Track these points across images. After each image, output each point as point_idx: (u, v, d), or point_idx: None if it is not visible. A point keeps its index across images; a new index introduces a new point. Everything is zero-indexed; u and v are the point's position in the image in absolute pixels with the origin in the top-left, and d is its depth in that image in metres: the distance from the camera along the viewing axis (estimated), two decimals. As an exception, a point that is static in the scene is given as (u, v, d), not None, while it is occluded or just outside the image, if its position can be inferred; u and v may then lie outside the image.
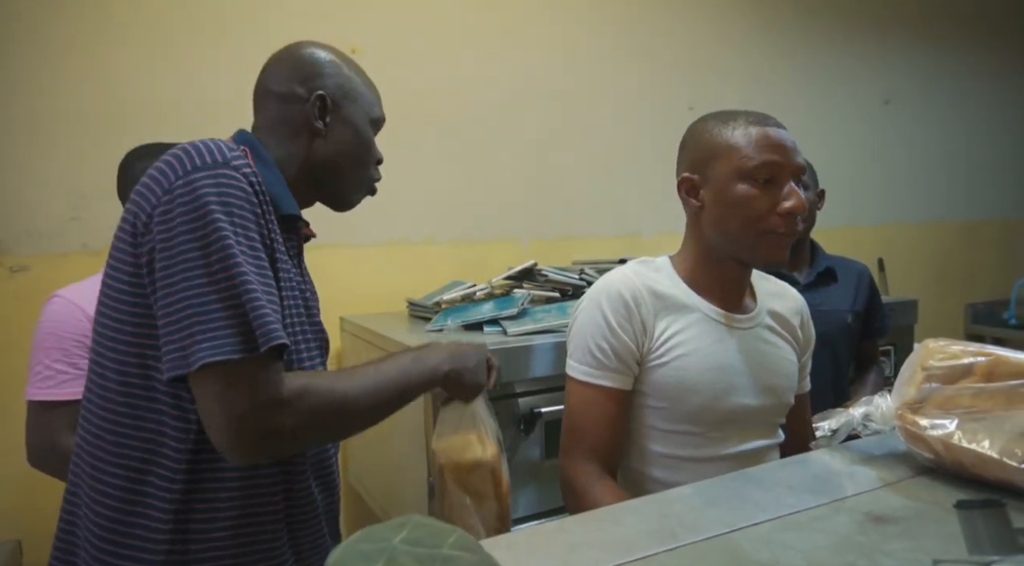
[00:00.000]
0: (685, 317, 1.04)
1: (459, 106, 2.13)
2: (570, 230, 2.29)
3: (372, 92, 1.01)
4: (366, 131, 0.99)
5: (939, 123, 3.23)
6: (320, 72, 0.94)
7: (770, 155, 0.97)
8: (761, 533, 0.65)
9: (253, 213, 0.79)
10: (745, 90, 2.65)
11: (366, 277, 2.03)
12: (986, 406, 0.73)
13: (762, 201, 0.97)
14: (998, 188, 3.53)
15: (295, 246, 0.95)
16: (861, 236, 2.98)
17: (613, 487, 1.01)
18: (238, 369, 0.73)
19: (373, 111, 1.00)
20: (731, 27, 2.62)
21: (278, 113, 0.94)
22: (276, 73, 0.95)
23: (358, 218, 2.02)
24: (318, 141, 0.94)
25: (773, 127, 0.99)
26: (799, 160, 0.99)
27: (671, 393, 1.02)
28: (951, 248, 3.35)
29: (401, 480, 1.58)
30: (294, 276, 0.90)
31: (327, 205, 1.02)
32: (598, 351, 1.02)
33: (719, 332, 1.04)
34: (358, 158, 0.98)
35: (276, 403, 0.75)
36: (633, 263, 1.11)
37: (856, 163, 2.96)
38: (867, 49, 2.96)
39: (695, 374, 1.01)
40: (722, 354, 1.03)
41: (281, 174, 0.91)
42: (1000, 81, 3.44)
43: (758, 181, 0.97)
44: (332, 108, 0.94)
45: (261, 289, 0.76)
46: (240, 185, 0.78)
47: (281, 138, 0.94)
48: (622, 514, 0.70)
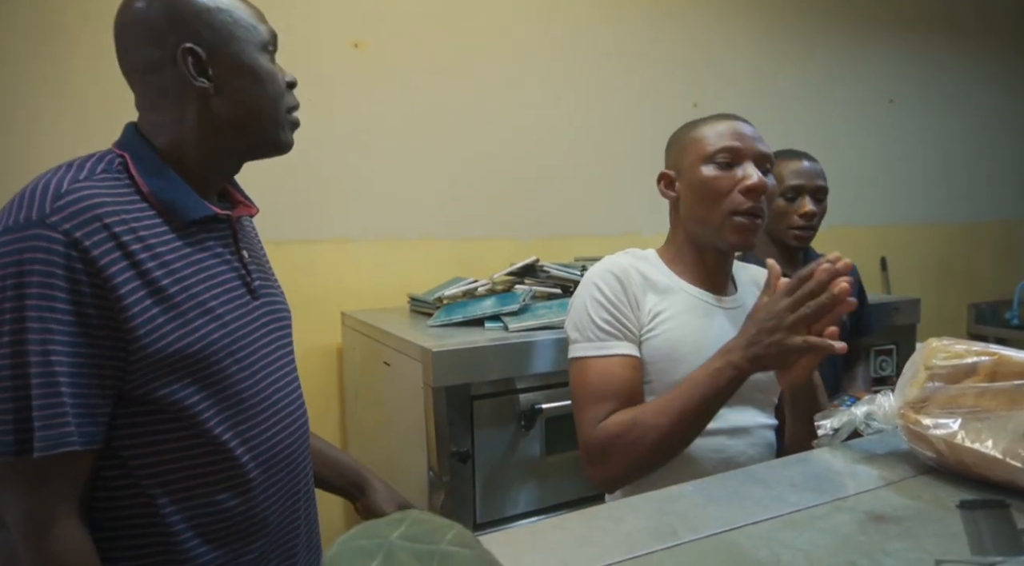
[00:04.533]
0: (671, 297, 1.09)
1: (461, 102, 2.12)
2: (570, 228, 2.29)
3: (248, 10, 0.85)
4: (262, 62, 0.84)
5: (942, 123, 3.21)
6: (171, 22, 0.79)
7: (730, 141, 1.06)
8: (761, 531, 0.64)
9: (67, 279, 0.71)
10: (748, 89, 2.64)
11: (367, 273, 2.02)
12: (990, 406, 0.72)
13: (724, 181, 1.05)
14: (1000, 188, 3.51)
15: (227, 234, 0.88)
16: (864, 235, 2.96)
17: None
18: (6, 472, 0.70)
19: (259, 34, 0.84)
20: (734, 26, 2.61)
21: (152, 88, 0.81)
22: (126, 43, 0.81)
23: (356, 214, 2.05)
24: (212, 101, 0.81)
25: (737, 121, 1.09)
26: (761, 147, 1.06)
27: (661, 364, 1.05)
28: (954, 248, 3.33)
29: (401, 474, 1.58)
30: (227, 267, 0.86)
31: (261, 157, 0.90)
32: (603, 323, 1.04)
33: (704, 309, 1.09)
34: (267, 97, 0.85)
35: (40, 527, 0.71)
36: (621, 252, 1.16)
37: (860, 162, 2.95)
38: (871, 48, 2.95)
39: (686, 345, 1.05)
40: (710, 328, 1.07)
41: (175, 173, 0.81)
42: (1000, 82, 3.42)
43: (720, 165, 1.05)
44: (209, 57, 0.80)
45: (68, 374, 0.71)
46: (51, 249, 0.70)
47: (169, 113, 0.82)
48: (622, 511, 0.70)
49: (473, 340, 1.44)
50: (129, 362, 0.75)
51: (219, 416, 0.81)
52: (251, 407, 0.85)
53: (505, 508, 1.48)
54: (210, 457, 0.81)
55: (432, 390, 1.39)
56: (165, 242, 0.79)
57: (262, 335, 0.90)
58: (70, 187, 0.74)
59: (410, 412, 1.49)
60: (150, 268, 0.77)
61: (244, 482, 0.84)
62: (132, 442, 0.78)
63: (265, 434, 0.87)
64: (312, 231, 1.95)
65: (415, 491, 1.48)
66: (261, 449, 0.86)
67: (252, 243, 0.98)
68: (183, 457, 0.80)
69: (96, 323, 0.73)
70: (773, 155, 1.12)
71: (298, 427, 0.94)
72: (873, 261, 3.02)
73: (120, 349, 0.75)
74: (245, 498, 0.84)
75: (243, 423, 0.84)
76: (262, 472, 0.86)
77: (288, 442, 0.91)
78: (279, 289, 1.00)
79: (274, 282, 1.00)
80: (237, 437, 0.83)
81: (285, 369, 0.95)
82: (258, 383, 0.87)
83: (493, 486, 1.46)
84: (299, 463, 0.94)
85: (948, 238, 3.30)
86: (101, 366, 0.74)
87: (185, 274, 0.80)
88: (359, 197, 2.01)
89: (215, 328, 0.82)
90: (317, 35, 1.91)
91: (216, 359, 0.81)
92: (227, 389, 0.83)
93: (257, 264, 0.95)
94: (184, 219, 0.81)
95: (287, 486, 0.91)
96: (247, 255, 0.91)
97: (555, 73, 2.26)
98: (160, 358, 0.76)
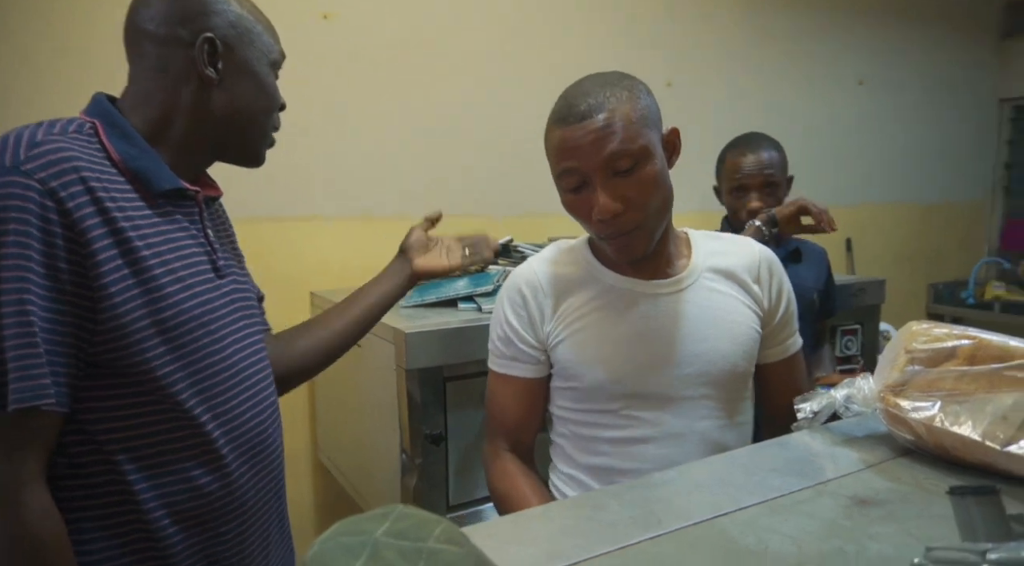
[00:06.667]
0: (586, 292, 1.02)
1: (433, 77, 2.07)
2: (543, 206, 2.24)
3: (269, 29, 0.89)
4: (268, 76, 0.88)
5: (908, 105, 3.26)
6: (205, 10, 0.81)
7: (568, 161, 0.92)
8: (747, 517, 0.64)
9: (41, 230, 0.68)
10: (721, 67, 2.63)
11: (336, 252, 1.97)
12: (969, 389, 0.73)
13: (580, 209, 0.95)
14: (960, 171, 3.59)
15: (193, 211, 0.86)
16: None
17: (512, 463, 1.07)
18: None
19: (272, 52, 0.89)
20: (710, 4, 2.59)
21: (157, 59, 0.81)
22: (149, 11, 0.81)
23: (327, 191, 1.99)
24: (211, 92, 0.83)
25: (573, 124, 0.90)
26: (604, 153, 0.89)
27: (572, 370, 1.01)
28: (917, 229, 3.40)
29: (373, 457, 1.56)
30: (194, 243, 0.84)
31: (231, 162, 0.91)
32: (499, 342, 1.07)
33: (627, 298, 1.01)
34: (262, 108, 0.88)
35: (9, 492, 0.68)
36: (547, 249, 1.12)
37: (830, 143, 2.97)
38: (843, 28, 2.96)
39: (591, 347, 0.99)
40: (628, 324, 0.99)
41: (148, 145, 0.80)
42: (961, 66, 3.48)
43: (567, 189, 0.96)
44: (224, 52, 0.82)
45: (41, 329, 0.68)
46: (26, 196, 0.68)
47: (164, 89, 0.81)
48: (605, 500, 0.68)
49: (446, 321, 1.42)
50: (98, 325, 0.73)
51: (190, 389, 0.79)
52: (222, 381, 0.84)
53: (477, 490, 1.46)
54: (181, 431, 0.80)
55: (405, 372, 1.36)
56: (136, 208, 0.77)
57: (230, 312, 0.89)
58: (45, 137, 0.72)
59: (382, 394, 1.47)
60: (124, 228, 0.74)
61: (216, 458, 0.82)
62: (99, 415, 0.75)
63: (236, 410, 0.85)
64: (280, 208, 1.89)
65: (387, 474, 1.47)
66: (232, 425, 0.85)
67: (219, 225, 0.96)
68: (153, 430, 0.78)
69: (67, 279, 0.71)
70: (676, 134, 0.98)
71: (268, 406, 0.93)
72: (839, 242, 3.06)
73: (89, 309, 0.72)
74: (219, 475, 0.83)
75: (214, 397, 0.82)
76: (233, 449, 0.84)
77: (258, 420, 0.89)
78: (247, 274, 0.99)
79: (242, 266, 0.99)
80: (208, 411, 0.81)
81: (254, 348, 0.93)
82: (228, 357, 0.86)
83: (466, 468, 1.45)
84: (271, 445, 0.92)
85: (910, 219, 3.36)
86: (70, 325, 0.71)
87: (156, 241, 0.79)
88: (328, 173, 1.95)
89: (187, 297, 0.80)
90: (285, 4, 1.84)
91: (188, 329, 0.80)
92: (198, 361, 0.81)
93: (222, 245, 0.93)
94: (153, 189, 0.80)
95: (261, 468, 0.89)
96: (212, 235, 0.89)
97: (529, 49, 2.22)
98: (131, 322, 0.74)
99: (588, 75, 0.97)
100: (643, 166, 0.91)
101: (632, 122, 0.90)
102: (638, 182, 0.91)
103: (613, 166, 0.90)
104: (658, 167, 0.93)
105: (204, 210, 0.89)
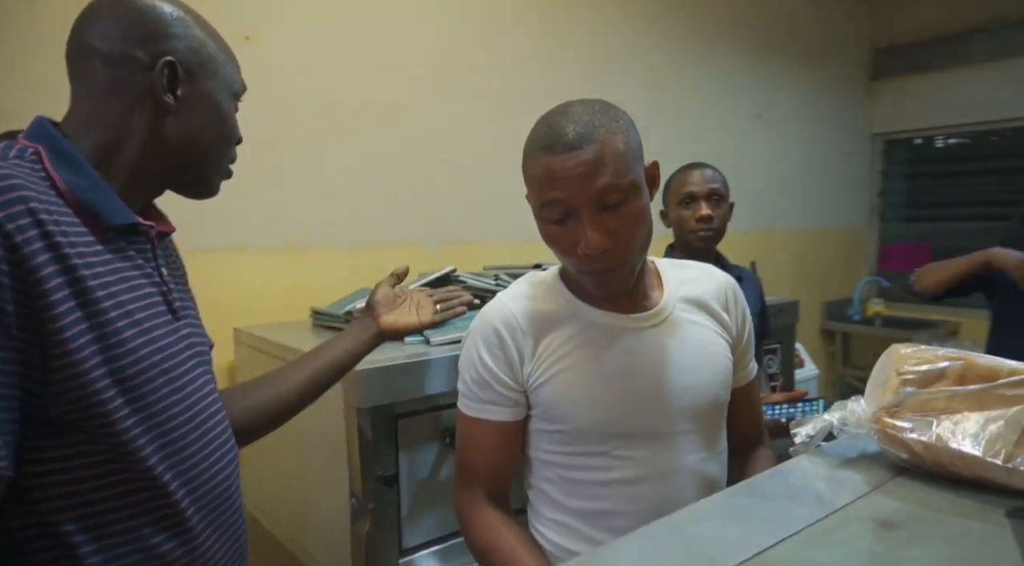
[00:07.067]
0: (568, 329, 0.97)
1: (358, 103, 2.00)
2: (472, 233, 2.23)
3: (231, 58, 0.85)
4: (228, 107, 0.84)
5: (798, 138, 3.51)
6: (166, 32, 0.76)
7: (554, 192, 0.87)
8: (788, 552, 0.63)
9: None
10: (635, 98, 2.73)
11: (260, 284, 1.85)
12: (961, 407, 0.76)
13: (563, 242, 0.91)
14: (846, 197, 3.91)
15: (147, 247, 0.79)
16: (737, 240, 3.17)
17: (493, 513, 1.01)
18: None
19: (235, 83, 0.85)
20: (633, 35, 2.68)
21: (107, 79, 0.74)
22: (102, 27, 0.74)
23: (250, 221, 1.87)
24: (167, 119, 0.77)
25: (561, 153, 0.86)
26: (595, 187, 0.86)
27: (558, 412, 0.96)
28: (810, 252, 3.65)
29: (316, 503, 1.45)
30: (148, 282, 0.77)
31: (182, 193, 0.86)
32: (473, 384, 1.01)
33: (608, 338, 0.96)
34: (220, 139, 0.83)
35: None
36: (518, 283, 1.06)
37: (735, 172, 3.13)
38: (740, 69, 3.16)
39: (578, 387, 0.95)
40: (614, 361, 0.95)
41: (98, 174, 0.73)
42: (845, 103, 3.81)
43: (549, 221, 0.91)
44: (185, 79, 0.77)
45: None
46: None
47: (114, 114, 0.75)
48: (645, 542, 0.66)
49: (392, 357, 1.35)
50: (48, 373, 0.63)
51: (151, 444, 0.71)
52: (185, 435, 0.75)
53: (432, 530, 1.40)
54: (140, 492, 0.71)
55: (356, 412, 1.29)
56: (87, 243, 0.69)
57: (188, 358, 0.80)
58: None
59: (328, 437, 1.37)
60: (77, 266, 0.66)
61: (180, 521, 0.73)
62: (44, 480, 0.65)
63: (200, 466, 0.77)
64: (197, 239, 1.75)
65: (335, 521, 1.37)
66: (196, 483, 0.76)
67: (172, 263, 0.89)
68: (108, 494, 0.69)
69: (13, 322, 0.61)
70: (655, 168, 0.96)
71: (230, 461, 0.85)
72: (744, 264, 3.22)
73: (38, 357, 0.63)
74: (183, 539, 0.74)
75: (176, 452, 0.74)
76: (198, 510, 0.76)
77: (222, 476, 0.81)
78: (197, 315, 0.91)
79: (194, 306, 0.91)
80: (171, 468, 0.73)
81: (212, 396, 0.85)
82: (190, 408, 0.78)
83: (419, 508, 1.38)
84: (235, 503, 0.84)
85: (805, 242, 3.60)
86: (15, 375, 0.62)
87: (111, 280, 0.70)
88: (247, 202, 1.83)
89: (145, 342, 0.72)
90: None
91: (148, 377, 0.71)
92: (160, 413, 0.72)
93: (176, 284, 0.85)
94: (104, 223, 0.71)
95: (227, 529, 0.81)
96: (166, 273, 0.81)
97: (457, 73, 2.20)
98: (87, 371, 0.65)
99: (571, 101, 0.94)
100: (632, 201, 0.89)
101: (622, 155, 0.88)
102: (626, 217, 0.89)
103: (602, 200, 0.87)
104: (644, 201, 0.92)
105: (157, 246, 0.80)
